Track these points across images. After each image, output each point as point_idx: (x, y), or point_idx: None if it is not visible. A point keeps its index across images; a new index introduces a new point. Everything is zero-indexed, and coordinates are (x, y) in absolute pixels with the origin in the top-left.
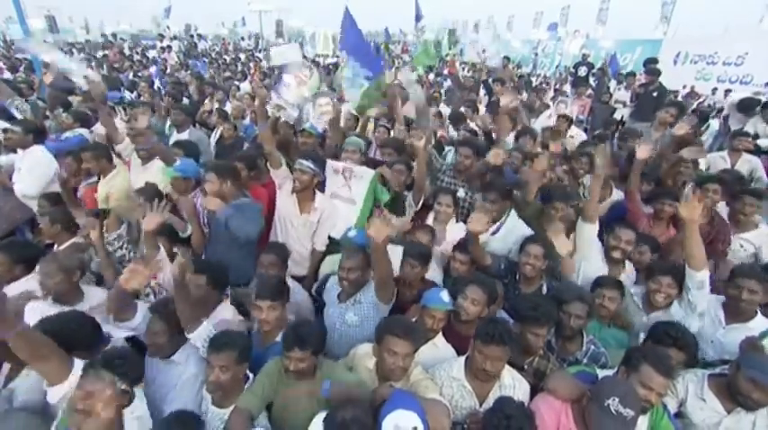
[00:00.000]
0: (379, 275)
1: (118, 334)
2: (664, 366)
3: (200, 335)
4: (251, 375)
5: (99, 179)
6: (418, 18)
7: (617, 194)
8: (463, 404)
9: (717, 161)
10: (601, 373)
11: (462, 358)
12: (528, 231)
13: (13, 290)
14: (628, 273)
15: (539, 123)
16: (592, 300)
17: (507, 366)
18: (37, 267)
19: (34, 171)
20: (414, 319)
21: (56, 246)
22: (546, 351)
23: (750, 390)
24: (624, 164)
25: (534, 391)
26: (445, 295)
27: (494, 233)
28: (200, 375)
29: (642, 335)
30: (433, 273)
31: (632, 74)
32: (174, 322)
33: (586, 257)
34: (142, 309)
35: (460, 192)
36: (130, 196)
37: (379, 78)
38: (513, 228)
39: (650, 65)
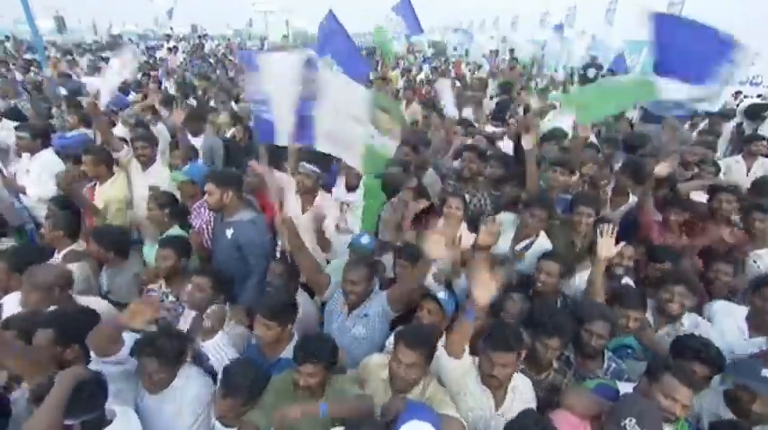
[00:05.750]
0: (409, 291)
1: (105, 369)
2: (687, 376)
3: (211, 345)
4: None
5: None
6: (413, 31)
7: (633, 199)
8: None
9: (732, 165)
10: (622, 387)
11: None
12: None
13: (9, 300)
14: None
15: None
16: (615, 318)
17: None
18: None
19: (46, 175)
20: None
21: (56, 251)
22: (562, 366)
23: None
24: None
25: (549, 407)
26: (441, 292)
27: (524, 249)
28: (202, 397)
29: None
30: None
31: None
32: (169, 353)
33: (580, 274)
34: (129, 339)
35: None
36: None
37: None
38: (543, 248)
39: None
